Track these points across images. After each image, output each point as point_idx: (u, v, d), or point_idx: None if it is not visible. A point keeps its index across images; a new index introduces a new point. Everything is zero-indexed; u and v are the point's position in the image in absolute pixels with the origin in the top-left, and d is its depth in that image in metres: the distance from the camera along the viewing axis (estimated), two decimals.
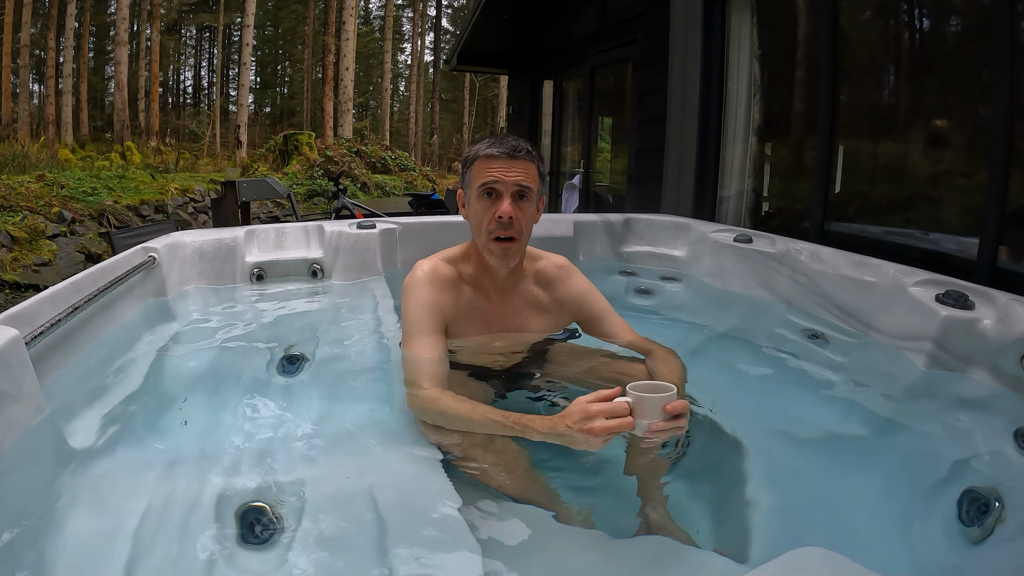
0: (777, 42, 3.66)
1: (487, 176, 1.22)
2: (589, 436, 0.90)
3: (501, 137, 1.25)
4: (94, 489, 0.98)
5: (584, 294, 1.41)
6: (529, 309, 1.38)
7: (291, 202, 5.74)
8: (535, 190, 1.25)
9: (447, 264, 1.34)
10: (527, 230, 1.27)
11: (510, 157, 1.21)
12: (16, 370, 1.02)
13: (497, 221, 1.22)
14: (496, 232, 1.23)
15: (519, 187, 1.22)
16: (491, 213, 1.23)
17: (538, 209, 1.32)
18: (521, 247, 1.28)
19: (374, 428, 1.22)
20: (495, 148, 1.22)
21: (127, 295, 1.79)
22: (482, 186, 1.23)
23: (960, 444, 1.21)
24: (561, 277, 1.40)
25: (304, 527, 0.93)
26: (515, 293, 1.37)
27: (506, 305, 1.36)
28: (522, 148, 1.23)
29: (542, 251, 1.44)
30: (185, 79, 25.20)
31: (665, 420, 0.89)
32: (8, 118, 15.35)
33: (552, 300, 1.40)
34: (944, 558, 0.97)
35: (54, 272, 5.20)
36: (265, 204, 8.76)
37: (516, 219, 1.22)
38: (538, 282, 1.39)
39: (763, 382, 1.67)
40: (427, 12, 25.14)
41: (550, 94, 6.82)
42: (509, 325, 1.37)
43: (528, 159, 1.23)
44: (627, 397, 0.91)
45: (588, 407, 0.91)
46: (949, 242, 2.48)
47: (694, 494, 1.26)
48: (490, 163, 1.22)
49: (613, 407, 0.90)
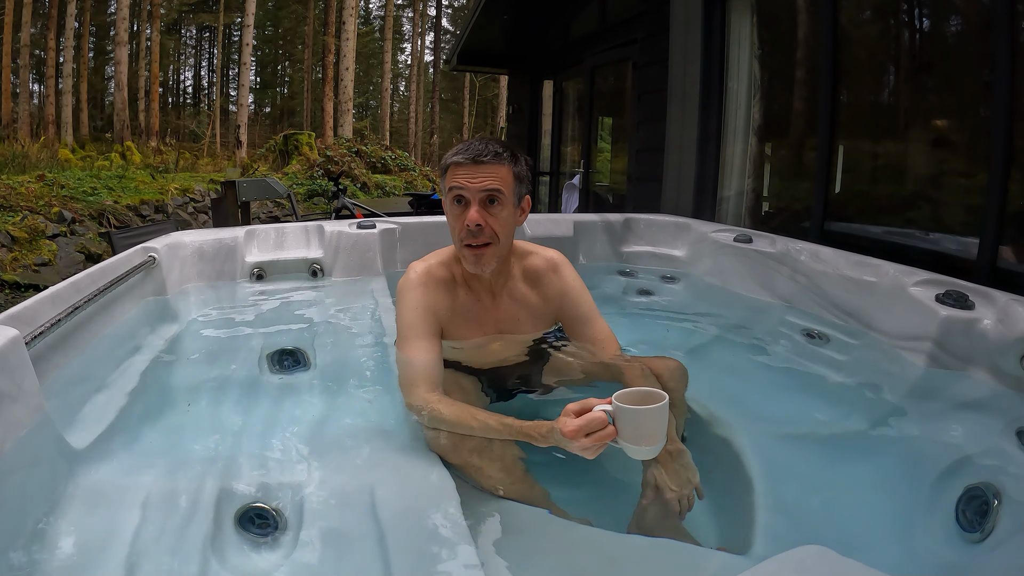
0: (777, 42, 3.66)
1: (453, 182, 1.21)
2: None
3: (469, 142, 1.23)
4: (94, 489, 0.98)
5: (567, 292, 1.37)
6: (520, 309, 1.36)
7: (291, 202, 5.74)
8: (507, 192, 1.22)
9: (441, 266, 1.33)
10: (504, 233, 1.24)
11: (474, 163, 1.19)
12: (16, 370, 1.02)
13: (466, 229, 1.20)
14: (467, 240, 1.22)
15: (486, 192, 1.20)
16: (460, 221, 1.22)
17: (523, 210, 1.29)
18: (499, 250, 1.25)
19: (374, 428, 1.22)
20: (460, 155, 1.20)
21: (127, 295, 1.79)
22: (450, 192, 1.22)
23: (960, 444, 1.21)
24: (547, 272, 1.37)
25: (304, 527, 0.93)
26: (505, 294, 1.35)
27: (498, 306, 1.35)
28: (488, 152, 1.19)
29: (536, 246, 1.41)
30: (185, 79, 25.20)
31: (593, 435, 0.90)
32: (8, 118, 15.34)
33: (540, 298, 1.37)
34: (945, 557, 0.98)
35: (54, 272, 5.20)
36: (265, 204, 8.76)
37: (486, 225, 1.20)
38: (526, 279, 1.37)
39: (763, 382, 1.67)
40: (427, 12, 25.15)
41: (550, 94, 6.82)
42: (503, 327, 1.36)
43: (496, 162, 1.20)
44: (610, 407, 0.91)
45: (565, 427, 0.91)
46: (949, 242, 2.48)
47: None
48: (456, 170, 1.21)
49: (589, 423, 0.90)
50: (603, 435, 0.90)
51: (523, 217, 1.30)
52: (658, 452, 0.92)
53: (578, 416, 0.92)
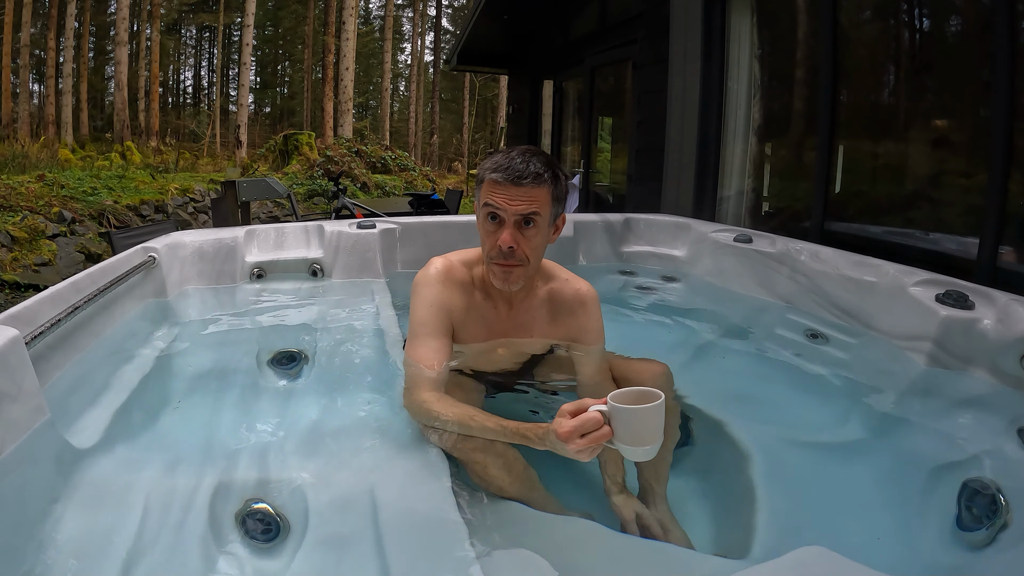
0: (777, 42, 3.66)
1: (489, 199, 1.17)
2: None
3: (510, 156, 1.17)
4: (94, 489, 0.98)
5: (586, 331, 1.33)
6: (534, 324, 1.33)
7: (291, 202, 5.73)
8: (544, 214, 1.17)
9: (462, 266, 1.30)
10: (534, 255, 1.20)
11: (514, 184, 1.14)
12: (16, 370, 1.02)
13: (498, 249, 1.17)
14: (497, 259, 1.19)
15: (522, 216, 1.16)
16: (493, 239, 1.18)
17: (556, 228, 1.25)
18: (527, 271, 1.22)
19: (374, 428, 1.22)
20: (500, 173, 1.15)
21: (127, 295, 1.79)
22: (485, 207, 1.19)
23: (961, 444, 1.21)
24: (573, 304, 1.32)
25: (304, 527, 0.93)
26: (523, 308, 1.32)
27: (512, 317, 1.33)
28: (529, 173, 1.14)
29: (567, 272, 1.36)
30: (185, 79, 25.20)
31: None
32: (8, 118, 15.34)
33: (556, 323, 1.33)
34: (945, 557, 0.98)
35: (54, 272, 5.20)
36: (265, 204, 8.75)
37: (518, 247, 1.17)
38: (550, 301, 1.33)
39: (763, 382, 1.67)
40: (427, 12, 25.15)
41: (550, 94, 6.82)
42: (512, 336, 1.35)
43: (536, 184, 1.14)
44: (605, 407, 0.90)
45: (560, 428, 0.90)
46: (949, 242, 2.48)
47: (695, 494, 1.27)
48: (494, 188, 1.16)
49: (584, 424, 0.89)
50: (598, 436, 0.89)
51: (556, 236, 1.27)
52: (655, 453, 0.90)
53: (573, 417, 0.91)
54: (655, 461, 1.08)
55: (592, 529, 1.03)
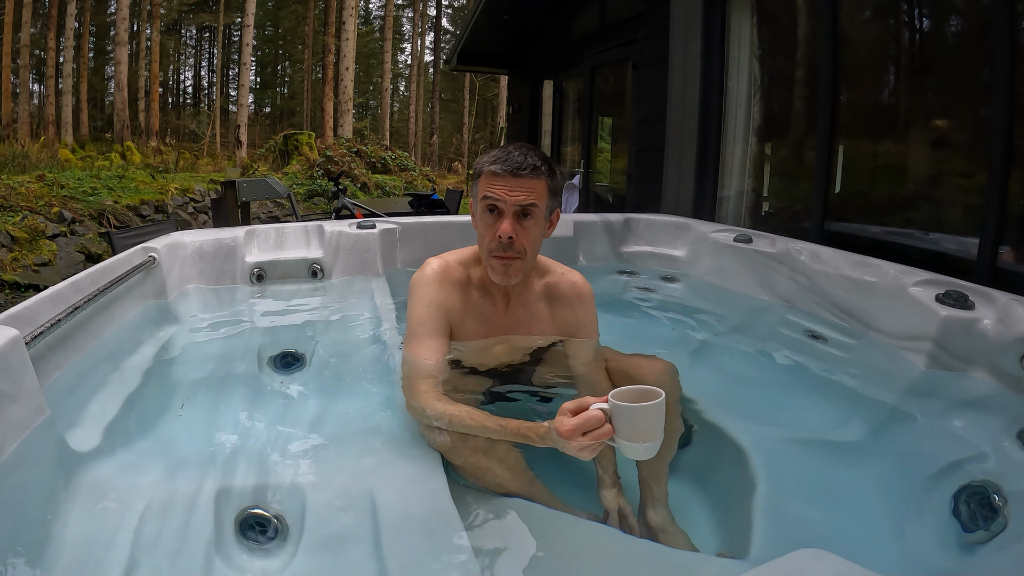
0: (777, 42, 3.66)
1: (489, 193, 1.19)
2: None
3: (508, 150, 1.20)
4: (94, 490, 0.98)
5: (583, 324, 1.35)
6: (532, 320, 1.35)
7: (291, 202, 5.73)
8: (542, 207, 1.21)
9: (458, 265, 1.32)
10: (532, 248, 1.23)
11: (513, 175, 1.17)
12: (16, 370, 1.02)
13: (497, 240, 1.19)
14: (496, 251, 1.21)
15: (521, 207, 1.18)
16: (492, 231, 1.20)
17: (551, 223, 1.27)
18: (525, 264, 1.24)
19: (373, 429, 1.22)
20: (499, 165, 1.18)
21: (127, 295, 1.79)
22: (484, 200, 1.21)
23: (961, 444, 1.21)
24: (570, 297, 1.35)
25: (303, 528, 0.93)
26: (520, 304, 1.34)
27: (510, 314, 1.34)
28: (527, 165, 1.17)
29: (559, 265, 1.39)
30: (185, 79, 25.21)
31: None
32: (8, 118, 15.33)
33: (554, 317, 1.35)
34: (945, 558, 0.97)
35: (54, 272, 5.19)
36: (265, 204, 8.75)
37: (517, 238, 1.19)
38: (546, 295, 1.35)
39: (763, 382, 1.67)
40: (427, 12, 25.14)
41: (550, 94, 6.82)
42: (511, 332, 1.36)
43: (534, 176, 1.18)
44: (606, 405, 0.90)
45: (562, 426, 0.90)
46: (949, 242, 2.48)
47: (694, 494, 1.27)
48: (493, 180, 1.19)
49: (585, 422, 0.89)
50: (600, 434, 0.89)
51: (551, 230, 1.28)
52: (656, 451, 0.90)
53: (574, 415, 0.91)
54: (654, 461, 1.08)
55: (592, 529, 1.03)
